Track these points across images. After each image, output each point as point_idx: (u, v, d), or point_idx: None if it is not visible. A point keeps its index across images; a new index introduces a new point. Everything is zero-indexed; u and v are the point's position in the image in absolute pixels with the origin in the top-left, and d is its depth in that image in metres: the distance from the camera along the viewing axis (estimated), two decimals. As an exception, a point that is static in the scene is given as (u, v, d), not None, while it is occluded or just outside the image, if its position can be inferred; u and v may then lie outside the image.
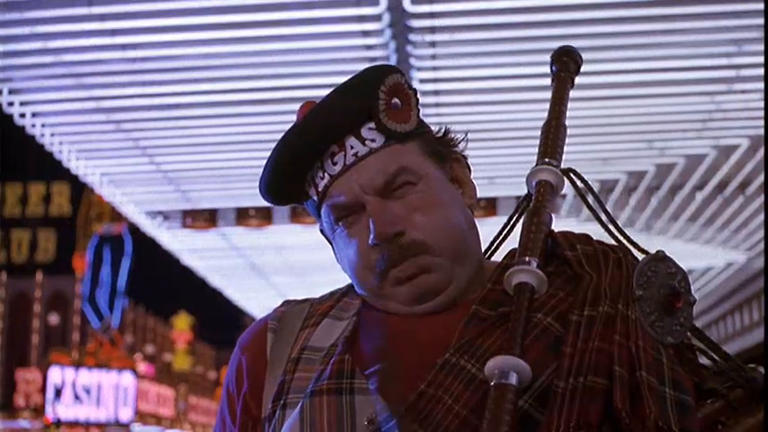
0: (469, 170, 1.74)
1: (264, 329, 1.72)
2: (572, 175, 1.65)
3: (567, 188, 1.61)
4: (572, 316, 1.51)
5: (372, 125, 1.62)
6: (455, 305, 1.63)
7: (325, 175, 1.63)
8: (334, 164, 1.62)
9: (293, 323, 1.72)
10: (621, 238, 1.64)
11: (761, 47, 8.10)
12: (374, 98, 1.62)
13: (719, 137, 10.24)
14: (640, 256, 1.57)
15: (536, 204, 1.56)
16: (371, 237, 1.58)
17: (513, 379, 1.37)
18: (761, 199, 11.33)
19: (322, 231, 1.73)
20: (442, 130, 1.73)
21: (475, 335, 1.53)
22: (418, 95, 1.69)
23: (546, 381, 1.45)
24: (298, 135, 1.64)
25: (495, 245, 1.75)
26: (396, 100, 1.64)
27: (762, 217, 11.92)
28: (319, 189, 1.65)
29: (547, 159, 1.61)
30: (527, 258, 1.49)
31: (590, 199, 1.63)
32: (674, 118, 9.76)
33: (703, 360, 1.59)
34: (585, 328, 1.49)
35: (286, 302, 1.79)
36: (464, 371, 1.49)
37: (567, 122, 1.72)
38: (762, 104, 8.94)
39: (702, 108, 9.55)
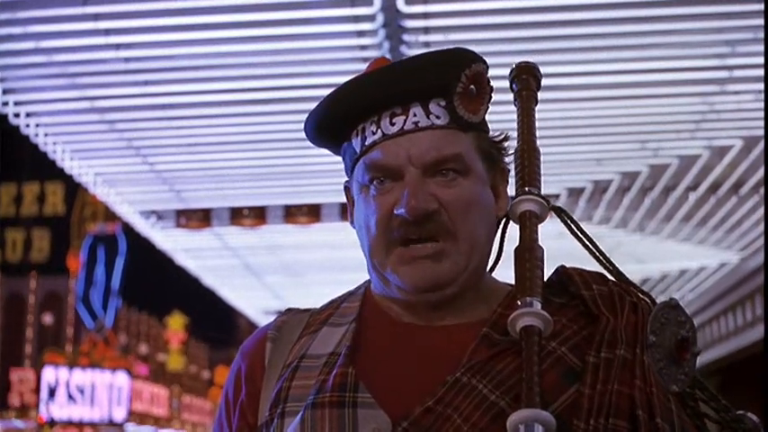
0: (507, 184, 1.71)
1: (264, 338, 1.72)
2: (563, 214, 1.65)
3: (561, 190, 1.61)
4: (589, 357, 1.51)
5: (443, 102, 1.60)
6: (457, 320, 1.61)
7: (379, 131, 1.60)
8: (392, 124, 1.59)
9: (292, 332, 1.71)
10: (603, 260, 1.64)
11: (754, 48, 8.12)
12: (456, 78, 1.60)
13: (713, 137, 10.24)
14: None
15: (527, 239, 1.54)
16: (402, 209, 1.55)
17: None
18: (754, 199, 11.35)
19: (346, 188, 1.71)
20: (501, 136, 1.71)
21: (486, 357, 1.52)
22: (493, 93, 1.67)
23: (558, 410, 1.45)
24: (369, 84, 1.62)
25: (490, 268, 1.72)
26: (473, 87, 1.62)
27: (755, 217, 11.94)
28: (366, 142, 1.62)
29: (527, 188, 1.59)
30: (528, 299, 1.48)
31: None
32: (667, 119, 9.75)
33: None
34: (604, 369, 1.49)
35: (288, 311, 1.79)
36: (476, 391, 1.48)
37: (561, 123, 1.71)
38: (755, 105, 8.98)
39: (696, 109, 9.55)
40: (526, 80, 1.68)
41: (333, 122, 1.66)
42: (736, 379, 15.09)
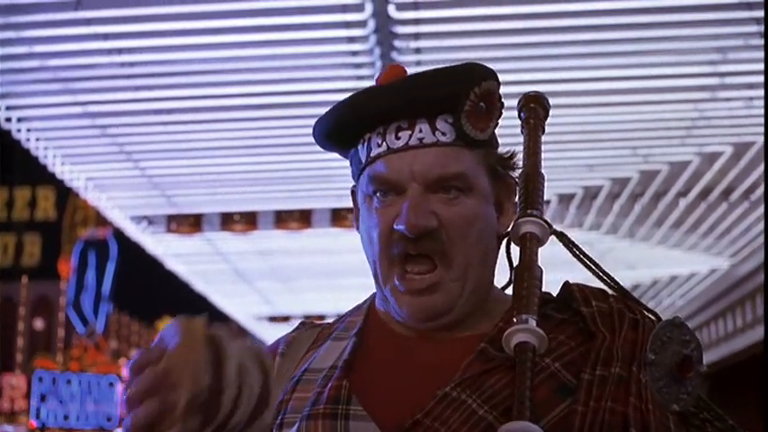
0: (513, 199, 1.69)
1: (274, 354, 1.73)
2: (564, 239, 1.64)
3: (551, 196, 1.62)
4: (584, 375, 1.51)
5: (450, 119, 1.59)
6: (458, 334, 1.62)
7: (384, 144, 1.60)
8: (398, 138, 1.59)
9: (301, 347, 1.73)
10: (604, 275, 1.63)
11: (745, 55, 8.15)
12: (464, 95, 1.59)
13: (703, 144, 10.26)
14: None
15: (527, 259, 1.55)
16: (402, 225, 1.55)
17: None
18: (744, 206, 11.38)
19: (352, 192, 1.72)
20: (509, 153, 1.70)
21: (479, 372, 1.53)
22: (503, 110, 1.66)
23: (548, 425, 1.45)
24: (378, 95, 1.61)
25: (503, 287, 1.71)
26: (482, 104, 1.61)
27: (745, 223, 11.97)
28: (371, 153, 1.62)
29: (529, 210, 1.59)
30: (524, 317, 1.48)
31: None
32: (658, 125, 9.77)
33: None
34: (598, 387, 1.49)
35: (302, 325, 1.80)
36: (464, 405, 1.49)
37: (552, 129, 1.70)
38: (745, 112, 9.01)
39: (686, 115, 9.57)
40: (534, 109, 1.69)
41: (340, 130, 1.66)
42: (727, 384, 15.11)
